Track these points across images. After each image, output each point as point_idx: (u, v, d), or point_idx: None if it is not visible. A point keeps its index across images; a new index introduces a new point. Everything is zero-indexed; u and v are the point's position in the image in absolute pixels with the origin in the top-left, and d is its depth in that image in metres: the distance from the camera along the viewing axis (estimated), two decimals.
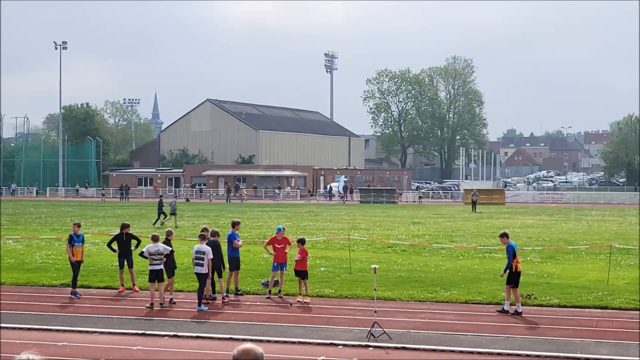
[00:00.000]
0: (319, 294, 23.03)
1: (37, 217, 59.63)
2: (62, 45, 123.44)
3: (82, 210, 71.76)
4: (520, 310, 20.20)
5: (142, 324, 19.06)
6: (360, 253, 33.04)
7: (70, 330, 18.30)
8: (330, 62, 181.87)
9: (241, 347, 5.46)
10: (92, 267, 28.00)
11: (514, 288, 20.43)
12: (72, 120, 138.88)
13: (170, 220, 51.32)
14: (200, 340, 17.42)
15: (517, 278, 20.54)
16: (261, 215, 61.83)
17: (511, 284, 20.42)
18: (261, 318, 19.83)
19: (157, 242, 21.39)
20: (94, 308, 21.18)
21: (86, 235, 25.17)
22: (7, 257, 31.71)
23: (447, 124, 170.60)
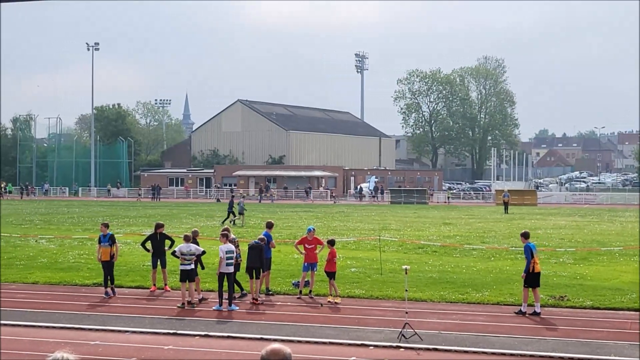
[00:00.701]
0: (350, 295, 23.00)
1: (70, 217, 60.11)
2: (95, 46, 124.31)
3: (113, 210, 72.23)
4: (538, 311, 20.07)
5: (173, 324, 19.13)
6: (391, 254, 32.96)
7: (103, 329, 18.41)
8: (361, 63, 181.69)
9: (269, 348, 5.44)
10: (124, 267, 28.16)
11: (533, 288, 20.30)
12: (104, 121, 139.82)
13: (239, 219, 52.00)
14: (232, 340, 17.45)
15: (536, 278, 20.39)
16: (291, 216, 61.87)
17: (530, 285, 20.28)
18: (292, 318, 19.84)
19: (189, 242, 21.47)
20: (126, 307, 21.30)
21: (118, 235, 25.38)
22: (40, 257, 32.00)
23: (479, 124, 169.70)
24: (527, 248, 20.52)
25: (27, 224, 51.42)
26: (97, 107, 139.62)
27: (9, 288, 24.55)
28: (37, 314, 20.28)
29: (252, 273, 21.99)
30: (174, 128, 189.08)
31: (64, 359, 5.34)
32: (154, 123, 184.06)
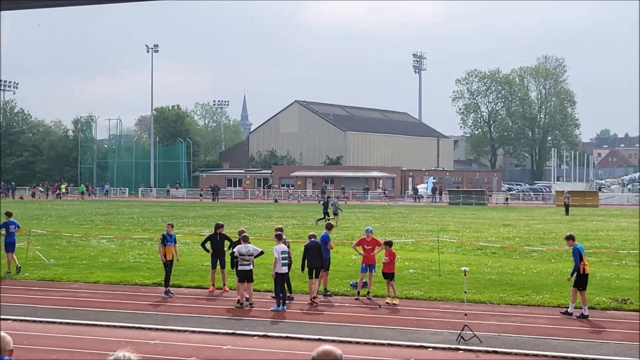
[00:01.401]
0: (408, 296, 22.88)
1: (130, 217, 60.85)
2: (154, 48, 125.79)
3: (173, 210, 72.94)
4: (586, 314, 19.78)
5: (232, 324, 19.22)
6: (449, 255, 32.72)
7: (163, 328, 18.57)
8: (419, 63, 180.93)
9: (321, 349, 5.40)
10: (183, 267, 28.37)
11: (581, 290, 20.02)
12: (163, 122, 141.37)
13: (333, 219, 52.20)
14: (290, 340, 17.46)
15: (585, 280, 20.13)
16: (349, 217, 61.80)
17: (579, 287, 20.01)
18: (350, 319, 19.79)
19: (247, 243, 21.55)
20: (185, 307, 21.46)
21: (177, 236, 25.56)
22: (101, 256, 32.43)
23: (538, 124, 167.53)
24: (575, 250, 20.31)
25: (88, 224, 52.18)
26: (156, 109, 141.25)
27: (70, 287, 24.94)
28: (98, 313, 20.54)
29: (312, 273, 22.00)
30: (232, 129, 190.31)
31: (125, 357, 5.37)
32: (212, 124, 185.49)
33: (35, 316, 19.92)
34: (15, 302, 22.03)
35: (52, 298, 22.81)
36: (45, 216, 61.09)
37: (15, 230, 28.30)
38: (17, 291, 24.08)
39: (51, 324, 19.08)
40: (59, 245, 36.97)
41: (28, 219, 55.81)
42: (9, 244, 27.65)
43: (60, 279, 26.52)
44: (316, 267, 22.05)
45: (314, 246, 22.10)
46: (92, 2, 8.83)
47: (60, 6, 10.50)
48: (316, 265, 22.00)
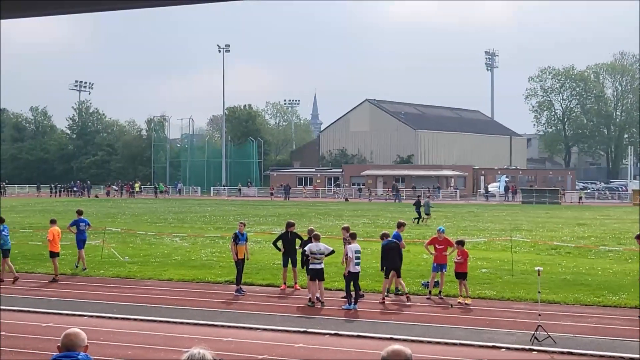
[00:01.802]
0: (480, 296, 22.63)
1: (202, 215, 61.49)
2: (225, 48, 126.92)
3: (244, 209, 73.47)
4: None
5: (303, 322, 19.25)
6: (522, 255, 32.28)
7: (235, 326, 18.69)
8: (491, 60, 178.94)
9: (390, 348, 5.34)
10: (254, 265, 28.56)
11: None
12: (234, 121, 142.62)
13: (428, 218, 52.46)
14: (362, 339, 17.41)
15: None
16: None
17: None
18: (422, 319, 19.67)
19: (318, 242, 21.57)
20: (257, 305, 21.56)
21: (249, 234, 25.77)
22: (174, 255, 32.83)
23: (614, 122, 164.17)
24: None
25: (162, 223, 52.89)
26: (228, 108, 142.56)
27: (144, 284, 25.30)
28: (171, 310, 20.79)
29: (389, 272, 21.89)
30: (302, 128, 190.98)
31: (200, 354, 5.40)
32: (283, 123, 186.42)
33: (110, 313, 20.25)
34: (91, 299, 22.45)
35: (127, 295, 23.15)
36: (120, 214, 62.12)
37: (85, 228, 28.99)
38: (92, 288, 24.53)
39: (126, 321, 19.38)
40: (133, 243, 37.54)
41: (103, 217, 56.86)
42: (80, 241, 28.32)
43: (134, 276, 26.93)
44: (396, 267, 21.93)
45: (394, 246, 21.98)
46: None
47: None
48: (396, 265, 21.85)
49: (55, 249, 26.10)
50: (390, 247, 22.07)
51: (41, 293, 23.63)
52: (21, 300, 22.24)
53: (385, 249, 22.15)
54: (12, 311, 20.64)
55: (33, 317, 19.85)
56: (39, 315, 20.09)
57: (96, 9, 13.45)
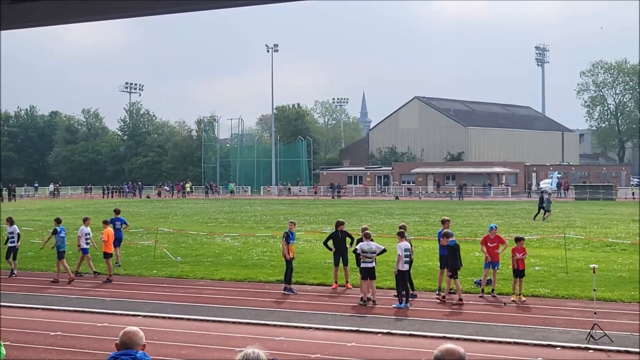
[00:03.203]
0: (534, 294, 22.39)
1: (253, 215, 61.74)
2: (274, 47, 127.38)
3: (294, 208, 73.61)
4: None
5: (355, 321, 19.20)
6: (576, 252, 31.84)
7: (287, 325, 18.72)
8: (542, 55, 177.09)
9: (444, 347, 5.29)
10: (305, 264, 28.59)
11: None
12: (284, 121, 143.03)
13: (547, 215, 52.28)
14: (414, 338, 17.32)
15: None
16: (472, 213, 61.05)
17: None
18: (474, 317, 19.50)
19: (369, 240, 21.52)
20: (309, 304, 21.57)
21: (299, 233, 25.84)
22: (225, 254, 33.00)
23: None
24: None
25: (213, 222, 53.20)
26: (277, 108, 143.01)
27: (197, 284, 25.46)
28: (223, 309, 20.88)
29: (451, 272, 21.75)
30: (351, 126, 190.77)
31: (255, 354, 5.40)
32: (332, 122, 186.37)
33: (164, 312, 20.41)
34: (144, 299, 22.65)
35: (180, 295, 23.31)
36: (172, 215, 62.63)
37: (121, 227, 29.48)
38: (146, 288, 24.76)
39: (179, 320, 19.51)
40: (185, 243, 37.81)
41: (155, 217, 57.41)
42: (117, 239, 28.78)
43: (187, 276, 27.11)
44: (456, 268, 21.76)
45: (453, 246, 21.83)
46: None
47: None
48: (457, 265, 21.68)
49: (109, 250, 26.40)
50: (455, 247, 21.86)
51: (95, 293, 23.91)
52: (76, 301, 22.53)
53: (452, 249, 21.87)
54: (68, 311, 20.92)
55: (88, 317, 20.09)
56: (94, 315, 20.32)
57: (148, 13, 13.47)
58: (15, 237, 27.42)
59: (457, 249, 21.66)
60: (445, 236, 22.14)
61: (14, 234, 27.44)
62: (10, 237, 27.43)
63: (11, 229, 27.47)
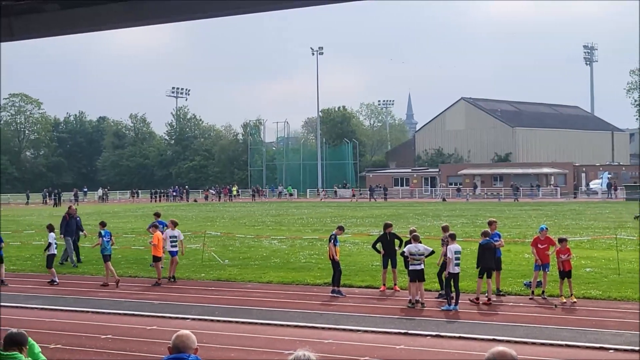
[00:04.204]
0: (585, 296, 22.07)
1: (299, 218, 61.81)
2: (319, 50, 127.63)
3: (341, 210, 73.56)
4: None
5: (404, 323, 19.10)
6: (628, 253, 31.31)
7: (335, 328, 18.65)
8: (590, 54, 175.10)
9: (495, 350, 5.22)
10: (353, 267, 28.51)
11: None
12: (329, 123, 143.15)
13: None
14: (463, 340, 17.17)
15: None
16: (520, 214, 60.49)
17: None
18: (525, 319, 19.27)
19: (418, 242, 21.39)
20: (357, 307, 21.49)
21: (347, 236, 25.75)
22: (273, 257, 33.03)
23: None
24: None
25: (260, 225, 53.34)
26: (322, 110, 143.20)
27: (245, 287, 25.50)
28: (272, 312, 20.89)
29: (484, 273, 21.60)
30: (397, 128, 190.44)
31: (305, 356, 5.37)
32: (377, 124, 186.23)
33: (212, 315, 20.47)
34: (193, 302, 22.75)
35: (228, 297, 23.38)
36: (219, 218, 62.95)
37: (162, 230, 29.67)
38: (194, 291, 24.87)
39: (227, 323, 19.54)
40: (233, 246, 37.95)
41: (202, 221, 57.77)
42: None
43: (234, 279, 27.19)
44: (489, 268, 21.64)
45: (490, 246, 21.68)
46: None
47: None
48: (489, 265, 21.57)
49: (158, 254, 26.56)
50: (486, 247, 21.73)
51: (145, 297, 24.07)
52: (125, 304, 22.70)
53: (482, 248, 21.81)
54: (118, 314, 21.08)
55: (137, 320, 20.23)
56: (143, 318, 20.45)
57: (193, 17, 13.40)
58: (55, 245, 27.25)
59: (488, 249, 21.50)
60: (483, 235, 22.07)
61: (55, 242, 27.27)
62: (51, 244, 27.20)
63: (53, 236, 27.36)
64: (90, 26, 13.80)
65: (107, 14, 12.80)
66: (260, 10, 13.19)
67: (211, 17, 13.71)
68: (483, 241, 21.79)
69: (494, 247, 21.92)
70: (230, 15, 13.64)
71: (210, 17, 13.67)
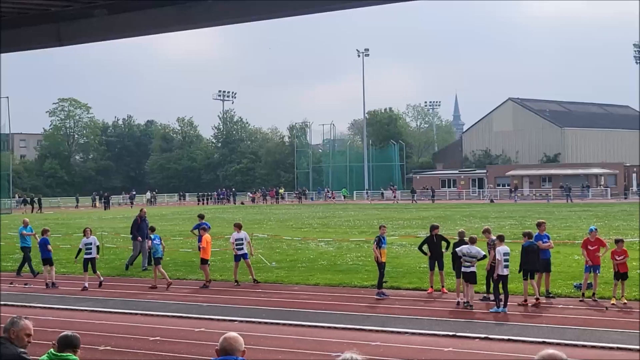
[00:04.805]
0: (636, 298, 21.72)
1: (346, 220, 61.76)
2: (364, 52, 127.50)
3: (387, 212, 73.39)
4: None
5: (452, 326, 18.97)
6: None
7: (383, 330, 18.59)
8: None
9: (545, 352, 5.14)
10: (400, 269, 28.42)
11: None
12: (375, 125, 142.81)
13: None
14: (512, 343, 17.00)
15: None
16: (570, 216, 59.81)
17: None
18: (575, 322, 19.04)
19: (473, 244, 21.23)
20: (404, 309, 21.41)
21: (393, 238, 25.67)
22: (319, 259, 33.04)
23: None
24: None
25: (307, 228, 53.41)
26: (369, 112, 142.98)
27: (292, 289, 25.54)
28: (319, 314, 20.90)
29: (528, 275, 21.40)
30: (444, 129, 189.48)
31: (353, 359, 5.34)
32: (424, 125, 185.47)
33: (260, 317, 20.52)
34: (240, 304, 22.85)
35: (275, 300, 23.43)
36: (266, 220, 63.16)
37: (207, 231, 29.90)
38: (242, 293, 24.97)
39: (275, 325, 19.58)
40: (280, 248, 38.03)
41: (249, 223, 57.95)
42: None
43: (282, 281, 27.23)
44: (533, 270, 21.40)
45: (535, 248, 21.45)
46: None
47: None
48: (534, 267, 21.33)
49: (206, 256, 26.70)
50: (531, 249, 21.50)
51: (193, 299, 24.22)
52: (174, 306, 22.87)
53: (525, 250, 21.57)
54: (166, 317, 21.25)
55: (186, 322, 20.36)
56: (191, 320, 20.59)
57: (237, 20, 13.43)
58: (93, 249, 26.91)
59: (531, 251, 21.27)
60: (525, 236, 21.84)
61: (92, 245, 26.98)
62: (87, 248, 26.90)
63: (88, 240, 26.95)
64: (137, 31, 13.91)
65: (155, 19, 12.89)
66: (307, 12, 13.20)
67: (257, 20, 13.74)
68: (525, 243, 21.57)
69: (537, 248, 21.68)
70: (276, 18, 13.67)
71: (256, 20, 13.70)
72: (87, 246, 26.89)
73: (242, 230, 27.74)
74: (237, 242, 27.08)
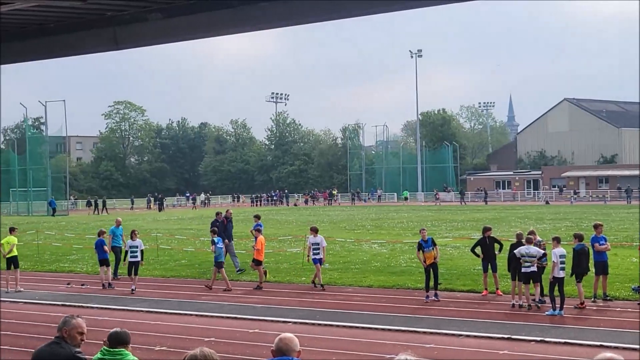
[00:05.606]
0: None
1: (399, 221, 61.55)
2: (417, 53, 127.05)
3: (441, 214, 72.97)
4: None
5: (507, 328, 18.79)
6: None
7: (437, 332, 18.51)
8: None
9: (603, 356, 5.09)
10: (454, 271, 28.26)
11: None
12: (429, 126, 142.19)
13: None
14: (569, 346, 16.80)
15: None
16: (627, 217, 58.85)
17: None
18: (633, 325, 18.71)
19: (530, 245, 21.03)
20: (458, 311, 21.27)
21: (447, 239, 25.49)
22: (373, 261, 32.98)
23: None
24: None
25: (360, 229, 53.35)
26: (422, 113, 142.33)
27: (345, 291, 25.55)
28: (372, 316, 20.86)
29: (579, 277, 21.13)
30: (498, 130, 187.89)
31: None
32: (478, 126, 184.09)
33: (313, 319, 20.56)
34: (294, 306, 22.91)
35: (329, 301, 23.45)
36: (318, 222, 63.07)
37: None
38: (295, 295, 25.03)
39: (328, 327, 19.61)
40: (333, 250, 38.00)
41: (303, 225, 58.03)
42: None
43: (335, 282, 27.24)
44: (583, 273, 21.11)
45: (585, 250, 21.17)
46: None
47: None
48: (584, 271, 21.04)
49: (260, 257, 26.80)
50: (583, 251, 21.22)
51: (247, 300, 24.34)
52: (228, 307, 23.01)
53: (577, 253, 21.27)
54: (221, 318, 21.40)
55: (240, 323, 20.48)
56: (246, 321, 20.70)
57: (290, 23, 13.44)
58: (137, 252, 26.80)
59: (583, 254, 20.98)
60: (576, 238, 21.53)
61: (137, 249, 26.90)
62: (132, 251, 26.86)
63: (134, 243, 26.90)
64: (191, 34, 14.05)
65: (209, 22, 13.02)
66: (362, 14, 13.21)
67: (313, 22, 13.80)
68: (577, 246, 21.26)
69: (587, 251, 21.39)
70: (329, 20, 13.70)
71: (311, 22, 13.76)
72: (132, 249, 26.91)
73: (319, 235, 27.33)
74: (314, 247, 26.59)
